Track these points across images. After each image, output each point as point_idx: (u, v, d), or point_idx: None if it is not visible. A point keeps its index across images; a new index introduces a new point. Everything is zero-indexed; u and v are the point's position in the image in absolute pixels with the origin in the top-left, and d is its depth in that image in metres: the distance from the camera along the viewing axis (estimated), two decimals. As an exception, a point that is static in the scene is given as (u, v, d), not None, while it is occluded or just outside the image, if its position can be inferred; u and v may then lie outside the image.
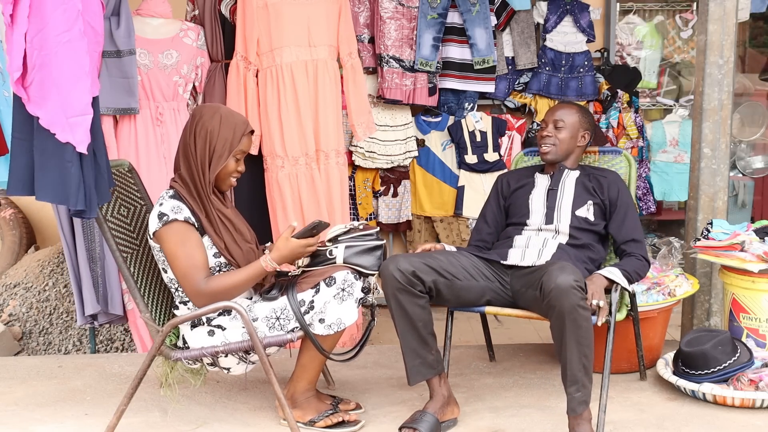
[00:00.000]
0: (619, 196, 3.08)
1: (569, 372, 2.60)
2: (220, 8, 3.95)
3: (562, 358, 2.61)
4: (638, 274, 2.94)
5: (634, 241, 3.02)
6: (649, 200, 5.18)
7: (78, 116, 2.62)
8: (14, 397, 3.20)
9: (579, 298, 2.56)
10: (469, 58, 4.83)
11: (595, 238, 3.08)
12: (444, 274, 2.81)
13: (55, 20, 2.57)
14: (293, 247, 2.66)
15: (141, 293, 2.79)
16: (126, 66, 3.61)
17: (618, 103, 5.03)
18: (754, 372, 3.00)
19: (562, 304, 2.55)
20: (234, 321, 2.69)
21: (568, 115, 3.15)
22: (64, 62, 2.60)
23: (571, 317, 2.55)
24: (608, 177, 3.14)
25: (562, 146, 3.13)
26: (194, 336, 2.72)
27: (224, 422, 2.93)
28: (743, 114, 5.64)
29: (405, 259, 2.77)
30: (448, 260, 2.86)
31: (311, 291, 2.69)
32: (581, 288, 2.58)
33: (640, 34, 5.49)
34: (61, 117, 2.61)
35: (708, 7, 3.47)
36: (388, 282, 2.74)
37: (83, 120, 2.63)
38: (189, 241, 2.63)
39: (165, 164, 3.78)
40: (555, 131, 3.13)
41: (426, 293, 2.77)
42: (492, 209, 3.25)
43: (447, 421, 2.82)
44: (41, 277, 4.58)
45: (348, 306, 2.68)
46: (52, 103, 2.61)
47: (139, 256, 2.86)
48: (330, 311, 2.67)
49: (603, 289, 2.81)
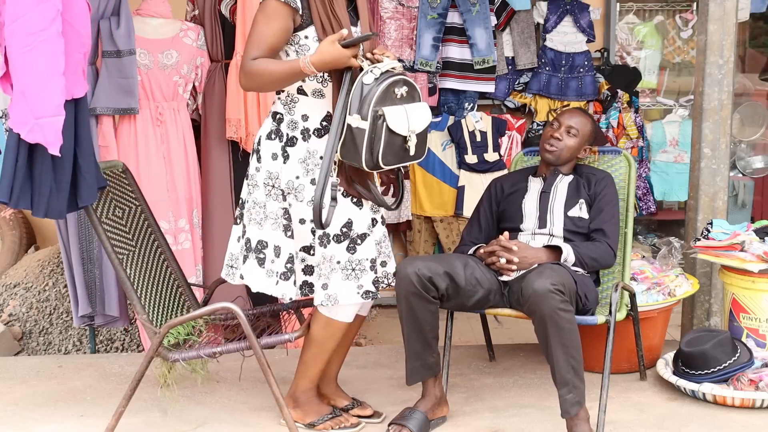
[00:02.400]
0: (603, 192, 3.09)
1: (558, 375, 2.61)
2: (220, 8, 3.95)
3: (550, 362, 2.64)
4: (593, 258, 2.97)
5: (602, 232, 3.03)
6: (649, 200, 5.18)
7: (48, 117, 2.55)
8: (14, 397, 3.20)
9: (558, 301, 2.57)
10: (469, 58, 4.83)
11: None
12: (458, 280, 2.78)
13: (30, 18, 2.52)
14: (337, 55, 2.48)
15: (138, 295, 2.79)
16: (126, 66, 3.61)
17: (618, 103, 5.02)
18: (754, 372, 3.00)
19: (541, 308, 2.58)
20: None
21: (583, 125, 3.14)
22: (37, 61, 2.54)
23: (552, 320, 2.57)
24: (597, 175, 3.15)
25: (567, 152, 3.13)
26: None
27: (224, 422, 2.93)
28: (743, 114, 5.63)
29: (423, 263, 2.74)
30: (461, 266, 2.83)
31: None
32: (559, 291, 2.59)
33: (640, 34, 5.49)
34: (29, 117, 2.56)
35: (708, 7, 3.47)
36: (403, 284, 2.72)
37: (54, 121, 2.55)
38: (273, 21, 2.52)
39: (165, 164, 3.77)
40: (566, 136, 3.12)
41: (438, 299, 2.77)
42: (485, 213, 3.23)
43: (436, 419, 2.85)
44: (41, 277, 4.58)
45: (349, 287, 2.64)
46: (18, 103, 2.57)
47: (136, 257, 2.86)
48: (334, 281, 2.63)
49: (537, 256, 2.89)
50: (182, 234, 3.82)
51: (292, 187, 2.61)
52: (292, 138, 2.63)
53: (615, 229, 3.06)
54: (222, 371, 3.34)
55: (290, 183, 2.62)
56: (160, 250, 3.08)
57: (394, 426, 2.77)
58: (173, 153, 3.79)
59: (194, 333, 2.88)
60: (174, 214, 3.78)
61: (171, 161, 3.78)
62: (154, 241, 3.07)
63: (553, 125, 3.15)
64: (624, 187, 3.26)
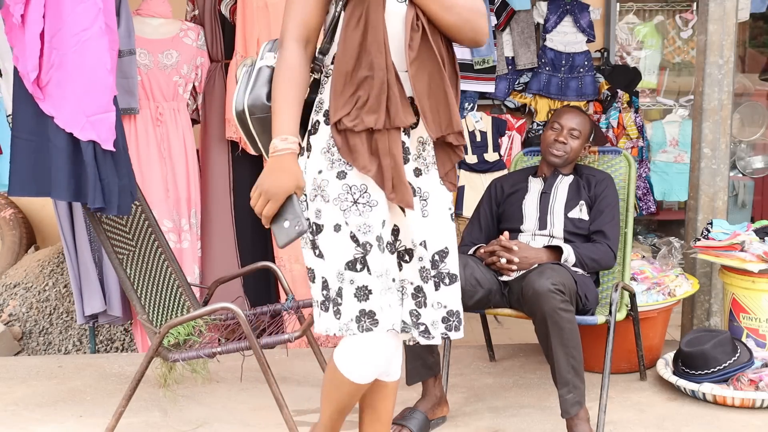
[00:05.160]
0: (604, 193, 3.09)
1: (558, 374, 2.62)
2: (220, 8, 3.95)
3: (550, 362, 2.64)
4: (593, 259, 2.96)
5: (602, 233, 3.03)
6: (649, 200, 5.18)
7: (100, 114, 2.62)
8: (14, 397, 3.20)
9: (558, 301, 2.58)
10: (469, 58, 4.82)
11: None
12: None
13: (73, 19, 2.56)
14: (277, 183, 1.90)
15: (138, 295, 2.79)
16: (126, 66, 3.61)
17: (618, 103, 5.03)
18: (754, 372, 3.00)
19: (542, 308, 2.59)
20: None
21: (583, 126, 3.14)
22: (84, 60, 2.59)
23: (552, 320, 2.58)
24: (598, 176, 3.15)
25: (572, 155, 3.13)
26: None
27: (224, 422, 2.93)
28: (743, 114, 5.64)
29: None
30: (461, 266, 2.81)
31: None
32: (560, 291, 2.60)
33: (640, 34, 5.49)
34: (81, 116, 2.60)
35: (708, 7, 3.47)
36: None
37: (106, 117, 2.63)
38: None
39: (165, 164, 3.77)
40: (570, 138, 3.12)
41: None
42: (485, 214, 3.23)
43: (436, 419, 2.85)
44: (41, 277, 4.57)
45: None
46: (70, 103, 2.61)
47: (136, 258, 2.86)
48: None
49: (537, 256, 2.88)
50: (183, 233, 3.82)
51: (317, 186, 2.00)
52: (315, 123, 2.04)
53: (615, 230, 3.06)
54: (222, 371, 3.34)
55: (314, 180, 2.00)
56: (160, 250, 3.08)
57: (394, 426, 2.76)
58: (173, 153, 3.79)
59: (194, 333, 2.88)
60: (177, 213, 3.79)
61: (171, 161, 3.78)
62: (155, 241, 3.07)
63: (554, 128, 3.15)
64: (624, 187, 3.26)
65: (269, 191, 1.89)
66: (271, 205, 1.89)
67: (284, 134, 1.92)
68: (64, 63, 2.59)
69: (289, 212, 1.89)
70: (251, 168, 3.93)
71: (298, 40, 1.98)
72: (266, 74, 2.03)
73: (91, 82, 2.59)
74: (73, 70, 2.59)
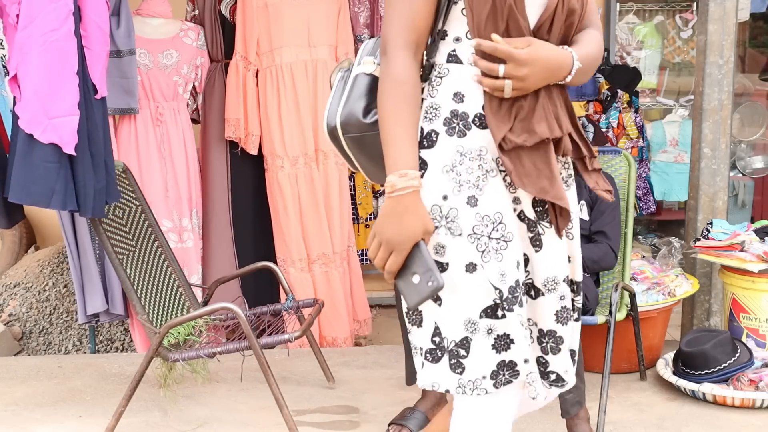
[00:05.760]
0: None
1: None
2: (220, 8, 3.95)
3: None
4: (594, 260, 2.97)
5: (603, 234, 3.04)
6: (649, 200, 5.18)
7: (63, 117, 2.56)
8: (14, 397, 3.20)
9: None
10: (469, 58, 4.82)
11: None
12: None
13: (43, 18, 2.52)
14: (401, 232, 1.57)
15: (138, 295, 2.79)
16: (126, 66, 3.61)
17: (618, 103, 5.02)
18: (754, 372, 3.00)
19: None
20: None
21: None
22: (50, 61, 2.53)
23: None
24: None
25: None
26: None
27: (224, 422, 2.93)
28: (743, 114, 5.64)
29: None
30: None
31: None
32: None
33: (640, 34, 5.49)
34: (42, 117, 2.54)
35: (708, 7, 3.47)
36: None
37: (69, 121, 2.56)
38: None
39: (165, 164, 3.77)
40: None
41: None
42: None
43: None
44: (41, 277, 4.57)
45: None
46: (31, 103, 2.56)
47: (136, 257, 2.86)
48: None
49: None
50: (185, 233, 3.82)
51: (440, 215, 1.61)
52: (429, 134, 1.64)
53: (616, 231, 3.06)
54: (222, 371, 3.34)
55: (435, 209, 1.61)
56: (160, 250, 3.08)
57: (394, 426, 2.76)
58: (173, 153, 3.79)
59: (194, 333, 2.88)
60: (177, 213, 3.79)
61: (171, 161, 3.78)
62: (155, 241, 3.07)
63: None
64: (624, 187, 3.26)
65: (392, 240, 1.55)
66: (395, 257, 1.56)
67: (402, 169, 1.55)
68: (27, 62, 2.54)
69: (418, 264, 1.55)
70: (252, 167, 3.93)
71: (406, 47, 1.62)
72: (363, 84, 1.71)
73: (55, 84, 2.52)
74: (37, 71, 2.52)
